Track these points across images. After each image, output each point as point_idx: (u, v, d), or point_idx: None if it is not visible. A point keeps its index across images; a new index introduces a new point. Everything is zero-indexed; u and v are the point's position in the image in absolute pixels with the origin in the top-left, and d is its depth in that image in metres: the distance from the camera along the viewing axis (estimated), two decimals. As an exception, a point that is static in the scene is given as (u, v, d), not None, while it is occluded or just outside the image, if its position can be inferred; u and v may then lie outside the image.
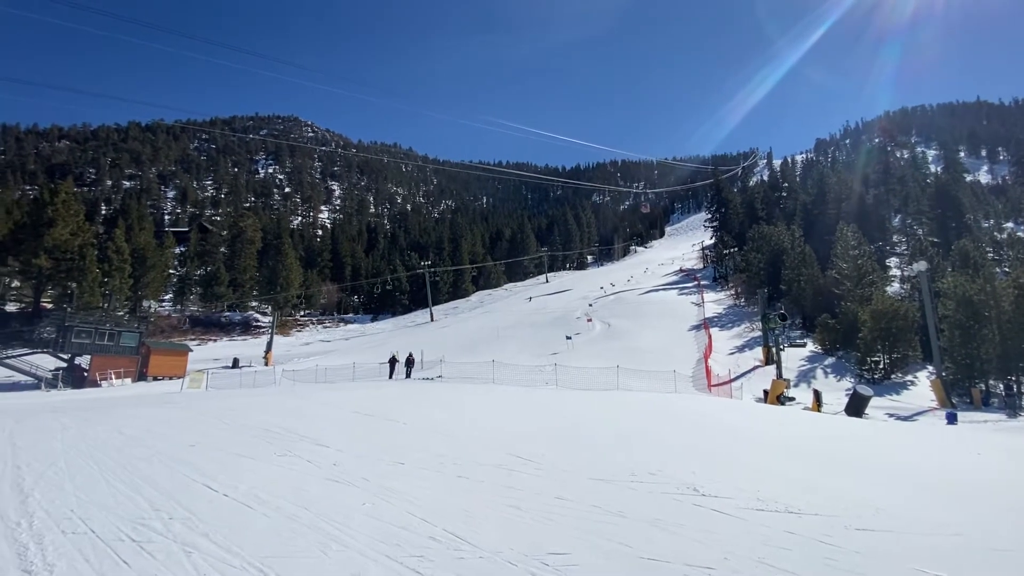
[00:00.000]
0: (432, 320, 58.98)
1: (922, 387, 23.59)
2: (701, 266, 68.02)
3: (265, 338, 48.42)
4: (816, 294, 33.17)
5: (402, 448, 7.33)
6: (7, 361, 28.96)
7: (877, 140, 57.91)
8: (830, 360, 28.11)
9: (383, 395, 13.78)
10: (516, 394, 14.73)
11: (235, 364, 37.01)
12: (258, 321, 60.35)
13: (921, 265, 24.04)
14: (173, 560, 3.61)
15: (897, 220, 52.45)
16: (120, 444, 7.47)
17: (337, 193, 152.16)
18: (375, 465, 6.39)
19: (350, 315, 71.90)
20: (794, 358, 27.16)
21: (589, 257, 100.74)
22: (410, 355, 24.67)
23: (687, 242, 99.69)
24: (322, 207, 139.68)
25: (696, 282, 54.31)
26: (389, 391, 15.24)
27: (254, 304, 63.84)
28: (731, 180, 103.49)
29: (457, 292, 74.30)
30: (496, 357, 23.17)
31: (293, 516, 4.54)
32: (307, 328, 63.39)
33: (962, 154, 74.72)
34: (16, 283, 46.97)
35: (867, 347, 25.39)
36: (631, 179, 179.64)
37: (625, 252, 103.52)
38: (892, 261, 42.92)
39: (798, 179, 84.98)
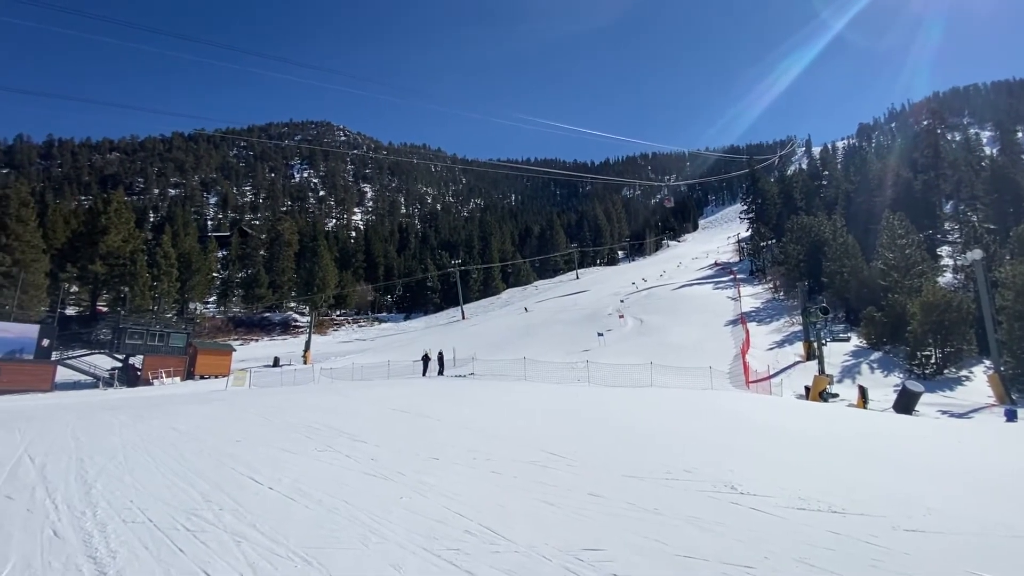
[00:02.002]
0: (463, 318, 59.54)
1: (978, 382, 22.31)
2: (737, 259, 66.19)
3: (303, 337, 50.03)
4: (860, 286, 31.79)
5: (437, 444, 7.47)
6: (68, 361, 30.87)
7: (925, 122, 54.64)
8: (876, 355, 26.92)
9: (417, 392, 14.03)
10: (548, 391, 14.74)
11: (276, 363, 38.35)
12: (296, 321, 62.40)
13: (976, 253, 22.71)
14: (224, 549, 3.81)
15: (949, 207, 49.62)
16: (173, 439, 7.88)
17: (369, 195, 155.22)
18: (411, 460, 6.53)
19: (384, 314, 73.33)
20: (837, 353, 26.13)
21: (620, 252, 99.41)
22: (440, 353, 24.96)
23: (722, 235, 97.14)
24: (355, 209, 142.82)
25: (732, 276, 52.90)
26: (423, 388, 15.50)
27: (292, 305, 65.93)
28: (767, 170, 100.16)
29: (487, 290, 74.72)
30: (527, 354, 23.22)
31: (334, 509, 4.71)
32: (343, 327, 65.06)
33: (1020, 135, 69.87)
34: (75, 288, 49.96)
35: (917, 341, 24.18)
36: (662, 172, 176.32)
37: (657, 247, 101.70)
38: (944, 250, 40.66)
39: (839, 166, 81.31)
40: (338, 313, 69.87)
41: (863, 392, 18.64)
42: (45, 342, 27.99)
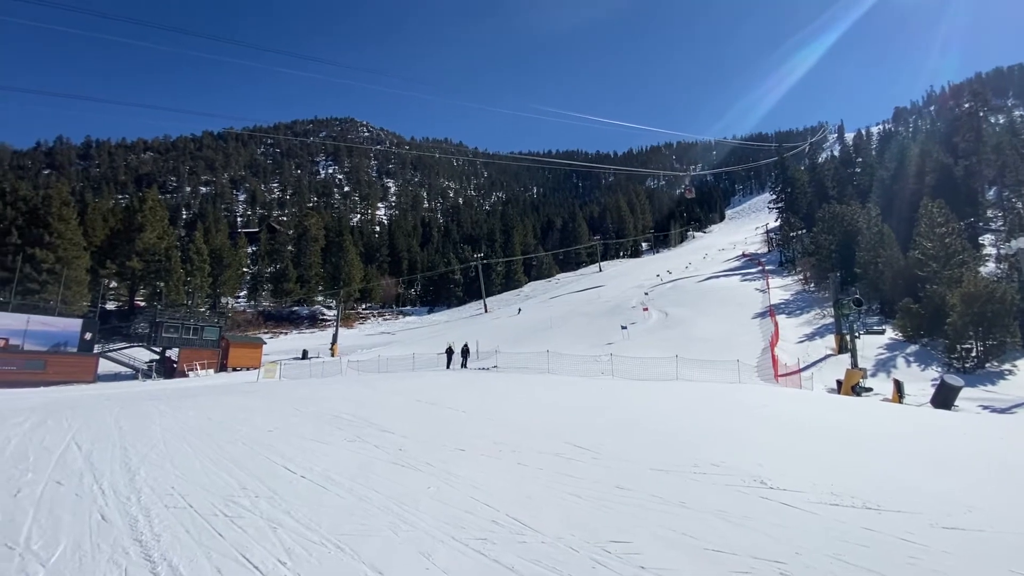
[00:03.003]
0: (486, 311, 59.81)
1: (1022, 376, 21.34)
2: (765, 250, 64.62)
3: (331, 331, 51.08)
4: (896, 277, 30.64)
5: (462, 435, 7.55)
6: (109, 354, 32.23)
7: (967, 104, 51.97)
8: (913, 348, 25.98)
9: (442, 384, 14.19)
10: (572, 384, 14.72)
11: (304, 355, 39.27)
12: (324, 315, 63.71)
13: (1021, 242, 21.64)
14: (261, 534, 3.95)
15: (992, 193, 47.29)
16: (209, 429, 8.18)
17: (392, 190, 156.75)
18: (438, 451, 6.63)
19: (408, 307, 74.25)
20: (871, 346, 25.31)
21: (644, 244, 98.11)
22: (465, 345, 25.15)
23: (749, 225, 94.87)
24: (379, 204, 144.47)
25: (760, 267, 51.71)
26: (447, 380, 15.67)
27: (319, 299, 67.31)
28: (797, 157, 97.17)
29: (509, 283, 74.84)
30: (550, 347, 23.20)
31: (364, 497, 4.82)
32: (368, 321, 66.14)
33: (1071, 116, 66.01)
34: (114, 283, 52.03)
35: (957, 333, 23.22)
36: (687, 161, 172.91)
37: (682, 238, 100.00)
38: (986, 238, 38.84)
39: (874, 153, 78.25)
40: (364, 307, 71.06)
41: (899, 386, 18.03)
42: (87, 335, 29.26)
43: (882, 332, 26.70)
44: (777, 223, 63.73)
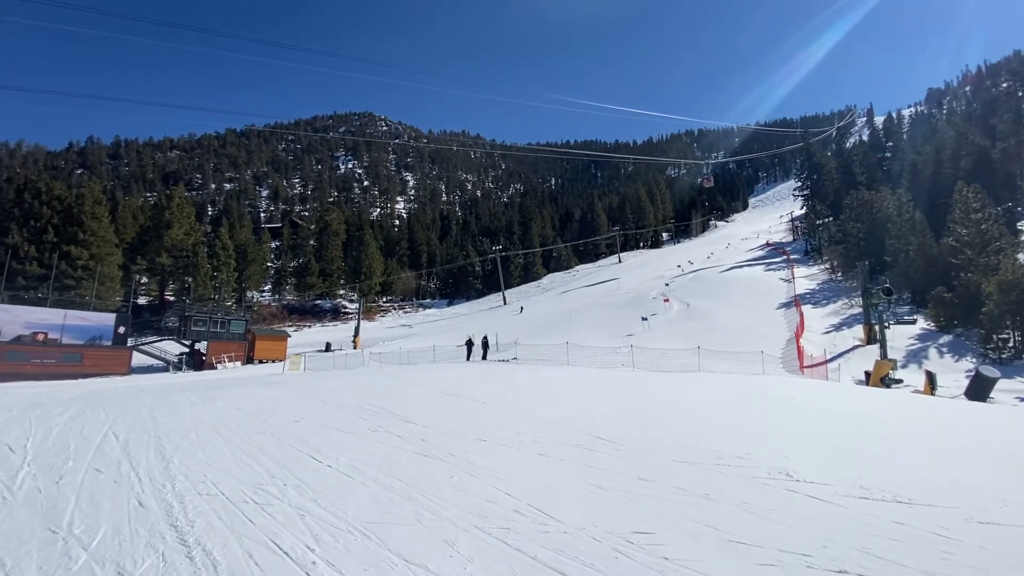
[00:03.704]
0: (505, 303, 59.95)
1: (1064, 368, 20.49)
2: (791, 239, 63.16)
3: (352, 323, 51.89)
4: (928, 265, 29.64)
5: (483, 426, 7.61)
6: (142, 347, 33.33)
7: (1005, 84, 49.64)
8: (946, 338, 25.17)
9: (462, 376, 14.30)
10: (592, 375, 14.69)
11: (327, 348, 39.98)
12: (346, 308, 64.76)
13: (1064, 227, 20.68)
14: (290, 521, 4.06)
15: (1032, 176, 45.27)
16: (238, 419, 8.41)
17: (411, 183, 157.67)
18: (459, 441, 6.70)
19: (427, 300, 74.91)
20: (901, 336, 24.60)
21: (664, 235, 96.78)
22: (484, 338, 25.26)
23: (773, 214, 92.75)
24: (398, 198, 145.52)
25: (785, 256, 50.60)
26: (468, 372, 15.78)
27: (341, 292, 68.40)
28: (824, 143, 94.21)
29: (528, 275, 74.77)
30: (569, 339, 23.16)
31: (388, 486, 4.91)
32: (389, 313, 66.97)
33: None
34: (144, 279, 53.72)
35: (993, 323, 22.40)
36: (708, 149, 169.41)
37: (704, 227, 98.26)
38: (1025, 224, 37.25)
39: (905, 136, 75.49)
40: (384, 300, 71.94)
41: (931, 377, 17.52)
42: (121, 329, 30.29)
43: (913, 322, 25.93)
44: (802, 211, 62.18)
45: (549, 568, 3.30)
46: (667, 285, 44.16)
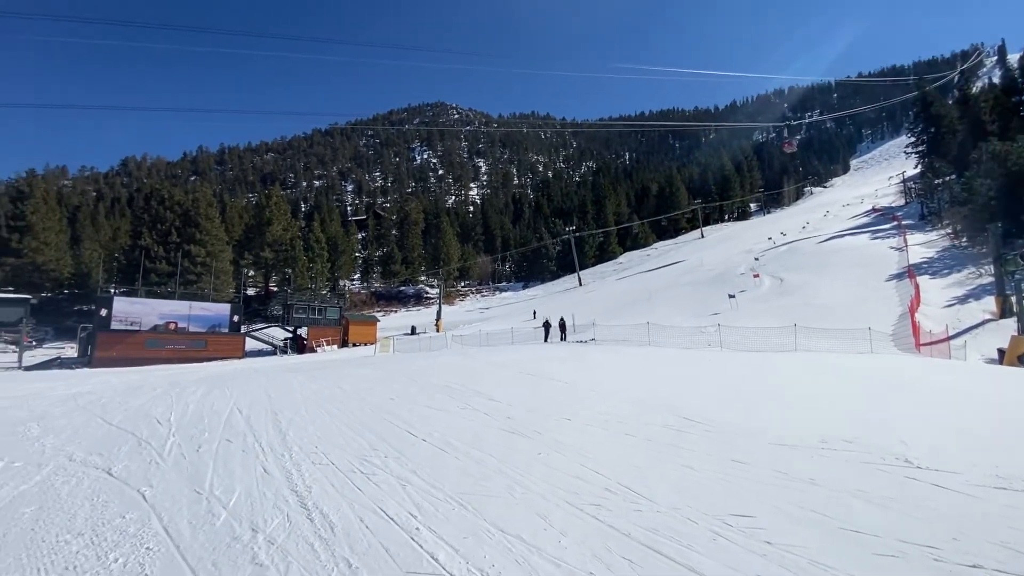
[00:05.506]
0: (580, 284, 59.33)
1: None
2: (902, 203, 56.35)
3: (434, 308, 54.11)
4: (1083, 224, 25.16)
5: (567, 405, 7.66)
6: (253, 334, 37.08)
7: None
8: (1107, 309, 21.33)
9: (542, 356, 14.43)
10: (676, 356, 14.20)
11: (413, 331, 42.05)
12: (427, 293, 67.67)
13: None
14: (393, 490, 4.37)
15: None
16: (340, 397, 9.14)
17: (483, 169, 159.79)
18: (544, 420, 6.80)
19: (503, 283, 76.12)
20: (1046, 308, 21.19)
21: (752, 205, 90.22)
22: (562, 319, 25.25)
23: (880, 175, 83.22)
24: (471, 184, 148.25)
25: (896, 222, 45.28)
26: (547, 353, 15.90)
27: (423, 279, 71.49)
28: (943, 90, 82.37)
29: (603, 255, 73.28)
30: (650, 319, 22.49)
31: (480, 461, 5.12)
32: (467, 297, 69.01)
33: None
34: (251, 272, 59.43)
35: None
36: (803, 109, 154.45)
37: (798, 195, 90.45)
38: None
39: (1051, 74, 63.90)
40: (462, 284, 74.16)
41: (1085, 355, 15.01)
42: (235, 318, 33.85)
43: (1061, 291, 22.22)
44: (917, 170, 55.12)
45: (644, 546, 3.28)
46: (757, 260, 41.27)
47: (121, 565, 3.24)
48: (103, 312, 29.20)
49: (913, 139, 56.18)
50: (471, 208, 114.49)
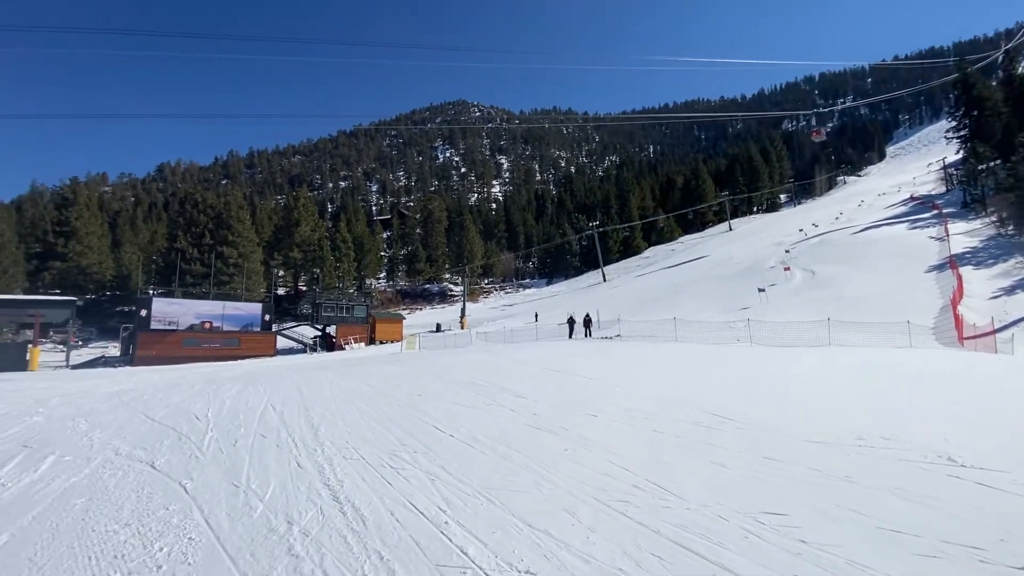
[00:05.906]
0: (604, 280, 58.83)
1: None
2: (943, 190, 53.99)
3: (459, 305, 54.49)
4: None
5: (592, 402, 7.63)
6: (284, 332, 38.05)
7: None
8: None
9: (567, 353, 14.39)
10: (704, 351, 13.97)
11: (438, 328, 42.46)
12: (451, 291, 68.21)
13: None
14: (423, 485, 4.44)
15: None
16: (369, 393, 9.31)
17: (505, 166, 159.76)
18: (570, 416, 6.79)
19: (527, 280, 76.09)
20: (1103, 299, 20.05)
21: (782, 196, 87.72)
22: (587, 315, 25.09)
23: (919, 162, 79.94)
24: (493, 181, 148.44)
25: (936, 211, 43.40)
26: (571, 349, 15.84)
27: (447, 276, 72.08)
28: (986, 71, 78.27)
29: (628, 250, 72.43)
30: (676, 315, 22.15)
31: (507, 456, 5.15)
32: (491, 294, 69.26)
33: None
34: (281, 272, 60.96)
35: None
36: (833, 95, 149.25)
37: (830, 185, 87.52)
38: None
39: (1107, 49, 60.04)
40: (486, 282, 74.47)
41: None
42: (267, 317, 34.79)
43: (1121, 281, 20.97)
44: (958, 156, 52.60)
45: (673, 543, 3.25)
46: (787, 252, 40.17)
47: (166, 555, 3.38)
48: (143, 312, 30.41)
49: (954, 123, 53.66)
50: (494, 205, 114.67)
